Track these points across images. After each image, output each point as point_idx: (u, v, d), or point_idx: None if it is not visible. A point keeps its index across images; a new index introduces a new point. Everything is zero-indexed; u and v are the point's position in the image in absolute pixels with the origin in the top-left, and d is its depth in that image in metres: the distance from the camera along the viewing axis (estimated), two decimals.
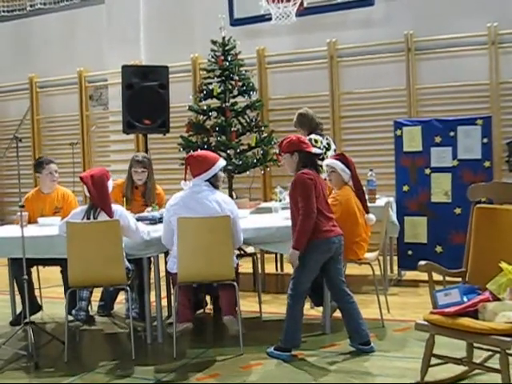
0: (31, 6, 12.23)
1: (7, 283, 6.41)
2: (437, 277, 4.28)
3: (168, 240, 5.30)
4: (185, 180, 5.36)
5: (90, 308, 5.85)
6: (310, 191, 4.92)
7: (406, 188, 7.39)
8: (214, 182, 5.30)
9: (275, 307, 6.34)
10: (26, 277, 5.29)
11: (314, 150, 5.18)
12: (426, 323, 4.01)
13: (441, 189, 7.23)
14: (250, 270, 7.26)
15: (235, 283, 5.14)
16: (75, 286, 5.24)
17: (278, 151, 6.01)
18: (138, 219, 5.68)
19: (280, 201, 7.01)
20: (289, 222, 5.18)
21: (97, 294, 6.10)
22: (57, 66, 11.71)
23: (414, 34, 9.11)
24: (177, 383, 4.63)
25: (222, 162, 5.39)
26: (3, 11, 12.55)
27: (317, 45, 9.65)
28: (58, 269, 6.11)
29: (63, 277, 5.95)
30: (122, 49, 10.79)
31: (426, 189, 7.28)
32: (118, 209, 5.36)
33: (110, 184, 5.45)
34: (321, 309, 5.88)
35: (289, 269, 7.46)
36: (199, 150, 6.35)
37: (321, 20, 9.55)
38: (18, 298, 6.14)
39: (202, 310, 6.27)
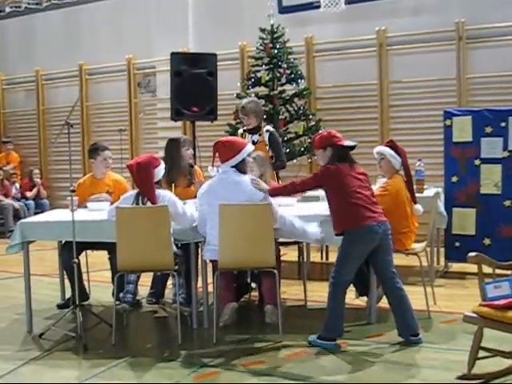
0: None
1: (57, 267, 6.54)
2: (485, 269, 4.21)
3: (202, 228, 5.32)
4: (212, 166, 5.39)
5: (136, 292, 5.93)
6: (318, 175, 5.01)
7: (454, 179, 7.29)
8: (241, 168, 5.30)
9: (320, 296, 6.32)
10: (75, 260, 5.39)
11: (347, 143, 5.14)
12: (474, 315, 3.97)
13: (490, 180, 7.11)
14: (296, 259, 7.26)
15: (275, 271, 5.15)
16: (123, 270, 5.31)
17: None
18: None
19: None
20: None
21: (145, 279, 6.16)
22: (106, 53, 11.86)
23: (465, 22, 8.97)
24: (223, 368, 4.66)
25: (249, 148, 5.40)
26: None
27: (366, 33, 9.58)
28: (104, 253, 6.19)
29: (111, 261, 6.03)
30: (170, 36, 10.86)
31: (476, 180, 7.17)
32: (165, 194, 5.41)
33: (160, 170, 5.48)
34: (365, 298, 5.86)
35: (333, 257, 7.46)
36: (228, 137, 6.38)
37: (370, 8, 9.47)
38: (67, 282, 6.24)
39: (247, 296, 6.30)
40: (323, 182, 5.02)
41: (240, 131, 7.11)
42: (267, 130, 6.96)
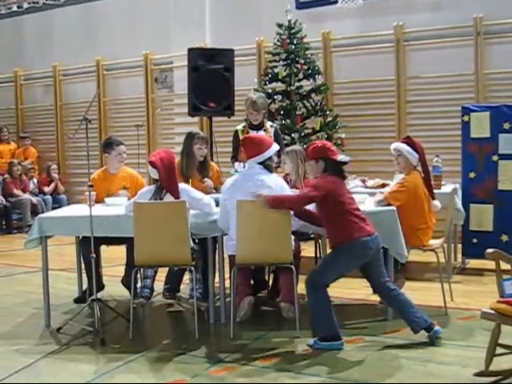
0: None
1: (74, 261, 6.58)
2: (503, 265, 4.19)
3: (224, 222, 5.34)
4: (239, 161, 5.40)
5: (153, 286, 5.95)
6: (316, 189, 4.87)
7: (472, 175, 7.25)
8: (268, 165, 5.31)
9: (338, 291, 6.29)
10: (93, 255, 5.42)
11: (340, 158, 5.00)
12: (492, 312, 3.96)
13: (508, 176, 7.06)
14: (313, 254, 7.26)
15: (292, 267, 5.15)
16: (141, 265, 5.35)
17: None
18: None
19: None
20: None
21: (160, 274, 6.18)
22: (123, 48, 11.89)
23: (483, 18, 8.91)
24: (240, 363, 4.67)
25: (275, 147, 5.42)
26: None
27: (383, 28, 9.54)
28: (120, 248, 6.23)
29: (128, 256, 6.06)
30: (187, 31, 10.87)
31: (493, 176, 7.12)
32: (183, 187, 5.46)
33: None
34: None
35: None
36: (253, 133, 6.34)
37: (387, 3, 9.44)
38: (84, 276, 6.28)
39: (264, 292, 6.31)
40: (326, 193, 4.86)
41: (240, 128, 6.91)
42: (271, 126, 6.93)
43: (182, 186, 5.51)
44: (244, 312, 5.30)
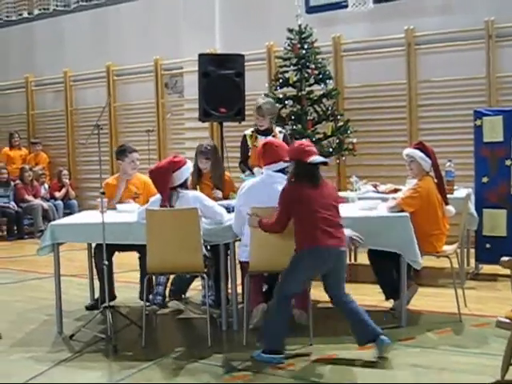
0: None
1: (86, 267, 6.58)
2: None
3: (238, 228, 5.32)
4: (260, 166, 5.35)
5: (166, 293, 5.96)
6: (283, 205, 4.78)
7: (485, 179, 7.21)
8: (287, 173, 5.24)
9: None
10: (106, 262, 5.41)
11: (311, 160, 4.75)
12: (507, 321, 3.91)
13: None
14: None
15: None
16: (153, 272, 5.35)
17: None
18: None
19: (356, 190, 6.95)
20: (365, 213, 5.14)
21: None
22: (133, 54, 11.92)
23: (494, 21, 8.85)
24: (253, 371, 4.65)
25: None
26: (81, 1, 12.81)
27: (394, 32, 9.49)
28: (131, 254, 6.23)
29: (140, 263, 6.05)
30: (197, 37, 10.87)
31: (506, 180, 7.07)
32: (195, 194, 5.46)
33: (182, 172, 5.43)
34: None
35: (361, 259, 7.42)
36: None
37: (398, 7, 9.39)
38: (96, 283, 6.28)
39: None
40: (287, 204, 4.76)
41: (248, 133, 6.92)
42: (280, 132, 6.92)
43: (194, 193, 5.52)
44: (257, 319, 5.31)
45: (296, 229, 4.77)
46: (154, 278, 5.83)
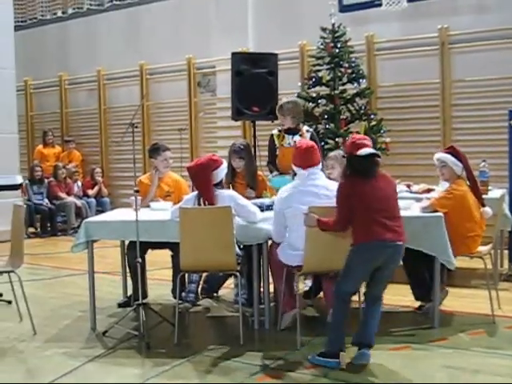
0: None
1: (119, 265, 6.63)
2: None
3: (279, 232, 5.26)
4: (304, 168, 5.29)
5: (198, 291, 5.99)
6: (341, 202, 4.73)
7: None
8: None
9: (385, 298, 6.22)
10: (139, 259, 5.46)
11: (361, 152, 4.69)
12: None
13: None
14: None
15: None
16: (186, 270, 5.37)
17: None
18: None
19: None
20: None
21: None
22: (166, 53, 11.98)
23: None
24: (286, 370, 4.65)
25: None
26: (115, 0, 12.91)
27: (427, 31, 9.43)
28: (164, 252, 6.26)
29: (173, 261, 6.09)
30: (229, 36, 10.89)
31: None
32: (223, 192, 5.48)
33: (220, 171, 5.48)
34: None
35: None
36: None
37: (432, 5, 9.34)
38: (129, 281, 6.33)
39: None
40: (344, 200, 4.69)
41: (275, 132, 6.90)
42: (307, 131, 6.88)
43: (229, 192, 5.55)
44: (286, 324, 5.36)
45: (353, 222, 4.71)
46: (186, 275, 5.86)
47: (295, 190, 5.19)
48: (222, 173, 5.52)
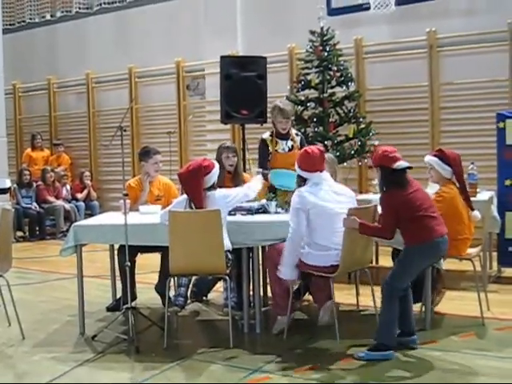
0: None
1: (107, 268, 6.62)
2: None
3: (300, 232, 5.11)
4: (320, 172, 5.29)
5: (187, 295, 5.97)
6: (389, 211, 4.86)
7: (508, 182, 7.17)
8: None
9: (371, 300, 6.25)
10: (128, 263, 5.44)
11: (396, 165, 4.85)
12: None
13: None
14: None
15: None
16: (176, 274, 5.36)
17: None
18: (236, 209, 5.71)
19: (377, 193, 6.91)
20: None
21: None
22: (155, 56, 11.98)
23: None
24: (275, 374, 4.64)
25: None
26: (104, 3, 12.89)
27: (416, 34, 9.48)
28: (153, 255, 6.24)
29: (163, 264, 6.07)
30: (218, 39, 10.91)
31: None
32: (219, 193, 5.45)
33: (211, 176, 5.43)
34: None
35: (383, 261, 7.41)
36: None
37: (420, 9, 9.36)
38: (119, 284, 6.31)
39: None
40: (390, 211, 4.85)
41: (267, 137, 6.64)
42: (297, 134, 6.79)
43: (219, 192, 5.48)
44: (280, 328, 5.35)
45: (405, 227, 4.86)
46: (175, 279, 5.84)
47: (317, 188, 5.15)
48: (214, 176, 5.48)
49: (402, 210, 4.81)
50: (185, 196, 5.47)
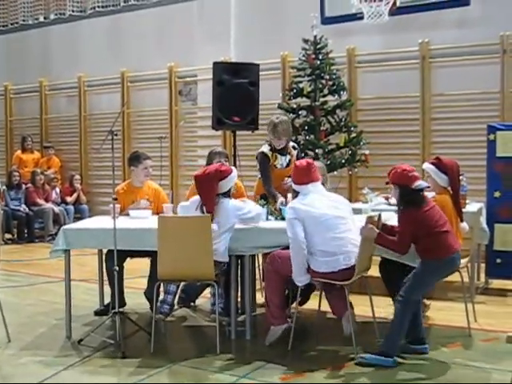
0: (125, 1, 12.53)
1: (96, 272, 6.60)
2: None
3: (301, 239, 5.11)
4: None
5: (174, 303, 5.96)
6: (405, 228, 4.94)
7: (497, 194, 7.19)
8: None
9: (362, 310, 6.20)
10: (116, 268, 5.43)
11: (415, 185, 4.95)
12: None
13: None
14: None
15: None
16: (164, 279, 5.35)
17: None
18: None
19: (368, 202, 6.94)
20: None
21: None
22: (148, 61, 11.96)
23: (510, 35, 8.84)
24: (261, 381, 4.64)
25: None
26: (98, 7, 12.88)
27: (408, 45, 9.49)
28: (142, 260, 6.24)
29: (151, 269, 6.05)
30: (211, 45, 10.90)
31: None
32: (234, 204, 5.48)
33: (228, 181, 5.46)
34: None
35: (372, 271, 7.38)
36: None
37: (413, 20, 9.39)
38: (107, 288, 6.29)
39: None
40: (408, 228, 4.93)
41: (267, 151, 6.52)
42: (294, 148, 6.77)
43: (234, 203, 5.50)
44: (274, 339, 5.32)
45: (422, 243, 4.94)
46: (164, 284, 5.83)
47: (308, 197, 5.18)
48: (230, 182, 5.49)
49: (420, 227, 4.90)
50: (198, 197, 5.47)
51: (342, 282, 5.09)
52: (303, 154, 8.02)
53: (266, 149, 6.55)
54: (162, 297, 5.91)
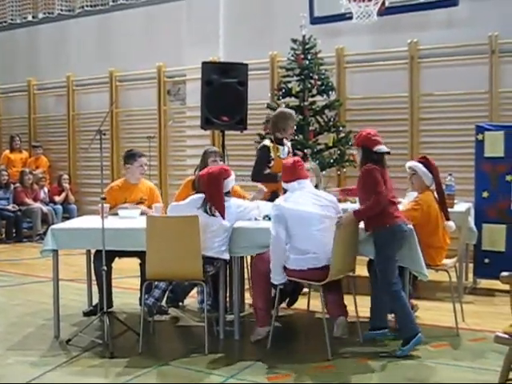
0: (113, 1, 12.49)
1: (84, 272, 6.58)
2: None
3: (281, 246, 5.15)
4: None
5: (161, 299, 5.93)
6: (378, 180, 5.05)
7: (485, 194, 7.22)
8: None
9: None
10: (104, 268, 5.41)
11: (376, 149, 5.15)
12: (506, 336, 3.90)
13: None
14: None
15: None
16: (152, 279, 5.34)
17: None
18: None
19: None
20: None
21: None
22: (136, 60, 11.93)
23: (498, 36, 8.88)
24: (249, 381, 4.64)
25: None
26: (86, 6, 12.84)
27: (397, 45, 9.52)
28: (131, 260, 6.22)
29: (141, 269, 6.04)
30: (200, 45, 10.89)
31: (507, 196, 7.07)
32: (235, 201, 5.58)
33: (230, 181, 5.55)
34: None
35: (359, 271, 7.39)
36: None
37: (402, 20, 9.39)
38: (95, 288, 6.27)
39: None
40: (378, 179, 5.06)
41: (269, 144, 6.64)
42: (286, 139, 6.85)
43: (235, 200, 5.59)
44: (259, 338, 5.37)
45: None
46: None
47: (293, 195, 5.24)
48: (231, 183, 5.61)
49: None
50: (201, 195, 5.49)
51: (314, 283, 5.14)
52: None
53: (267, 142, 6.72)
54: None
